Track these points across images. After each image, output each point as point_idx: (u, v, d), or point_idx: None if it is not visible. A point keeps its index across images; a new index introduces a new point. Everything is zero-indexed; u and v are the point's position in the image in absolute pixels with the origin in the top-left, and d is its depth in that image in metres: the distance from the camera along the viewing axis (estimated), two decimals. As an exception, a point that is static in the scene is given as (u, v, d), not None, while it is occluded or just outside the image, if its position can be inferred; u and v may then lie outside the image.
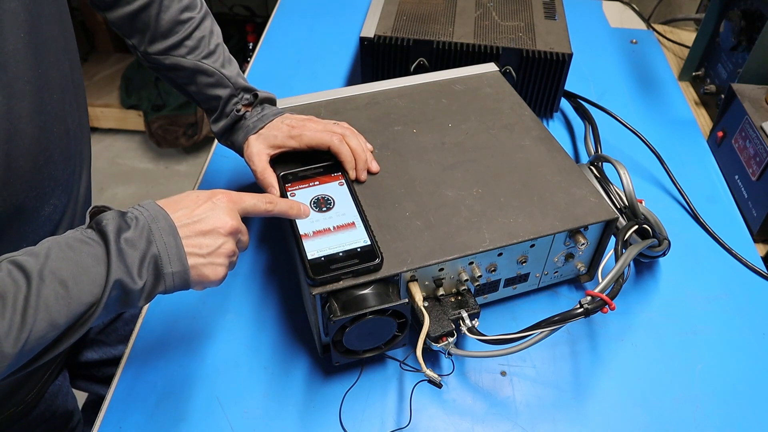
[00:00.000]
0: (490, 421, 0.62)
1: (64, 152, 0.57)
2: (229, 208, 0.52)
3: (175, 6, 0.66)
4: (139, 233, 0.46)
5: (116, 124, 2.37)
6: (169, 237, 0.48)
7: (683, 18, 1.33)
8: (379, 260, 0.58)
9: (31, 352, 0.42)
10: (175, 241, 0.48)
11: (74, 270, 0.43)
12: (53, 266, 0.43)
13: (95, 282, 0.44)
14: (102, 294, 0.44)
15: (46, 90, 0.52)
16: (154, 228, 0.47)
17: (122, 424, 0.61)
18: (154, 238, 0.47)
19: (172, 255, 0.48)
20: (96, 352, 0.86)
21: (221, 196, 0.53)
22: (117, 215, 0.47)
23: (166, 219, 0.49)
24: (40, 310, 0.41)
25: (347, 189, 0.66)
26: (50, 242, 0.45)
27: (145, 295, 0.47)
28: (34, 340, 0.41)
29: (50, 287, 0.42)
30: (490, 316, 0.70)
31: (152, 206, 0.49)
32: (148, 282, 0.47)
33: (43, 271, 0.42)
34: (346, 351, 0.59)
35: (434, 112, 0.79)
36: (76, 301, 0.43)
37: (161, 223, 0.48)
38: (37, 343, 0.42)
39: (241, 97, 0.70)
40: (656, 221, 0.72)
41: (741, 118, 0.89)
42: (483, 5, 1.02)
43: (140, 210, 0.49)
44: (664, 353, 0.68)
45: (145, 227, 0.47)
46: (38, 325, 0.41)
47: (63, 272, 0.43)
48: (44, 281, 0.42)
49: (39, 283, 0.42)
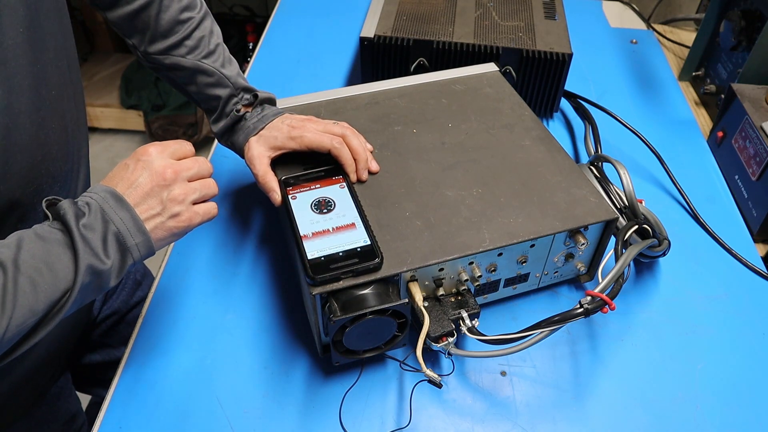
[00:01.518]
0: (490, 421, 0.62)
1: (62, 148, 0.57)
2: (159, 158, 0.53)
3: (175, 6, 0.66)
4: (94, 216, 0.48)
5: (116, 124, 2.37)
6: (122, 211, 0.49)
7: (683, 18, 1.33)
8: (378, 260, 0.58)
9: (10, 340, 0.44)
10: (129, 213, 0.50)
11: (47, 258, 0.45)
12: (26, 256, 0.45)
13: (68, 267, 0.46)
14: (75, 279, 0.46)
15: (45, 86, 0.52)
16: (106, 207, 0.49)
17: (122, 424, 0.61)
18: (110, 217, 0.49)
19: (130, 228, 0.49)
20: (99, 354, 0.85)
21: (146, 152, 0.53)
22: (71, 204, 0.48)
23: (114, 195, 0.50)
24: (18, 298, 0.43)
25: (348, 191, 0.66)
26: (19, 234, 0.46)
27: (115, 273, 0.49)
28: (15, 327, 0.43)
29: (26, 275, 0.44)
30: (490, 316, 0.70)
31: (99, 188, 0.51)
32: (116, 259, 0.48)
33: (17, 260, 0.44)
34: (346, 351, 0.59)
35: (434, 112, 0.79)
36: (52, 287, 0.45)
37: (111, 202, 0.49)
38: (17, 330, 0.44)
39: (241, 98, 0.70)
40: (656, 221, 0.72)
41: (741, 118, 0.89)
42: (483, 5, 1.02)
43: (89, 195, 0.50)
44: (664, 353, 0.68)
45: (98, 209, 0.49)
46: (18, 312, 0.43)
47: (37, 260, 0.45)
48: (20, 270, 0.44)
49: (15, 272, 0.43)
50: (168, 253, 0.77)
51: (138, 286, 0.89)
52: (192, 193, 0.54)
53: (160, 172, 0.52)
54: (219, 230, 0.80)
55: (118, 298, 0.86)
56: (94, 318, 0.83)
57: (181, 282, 0.74)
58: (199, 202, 0.55)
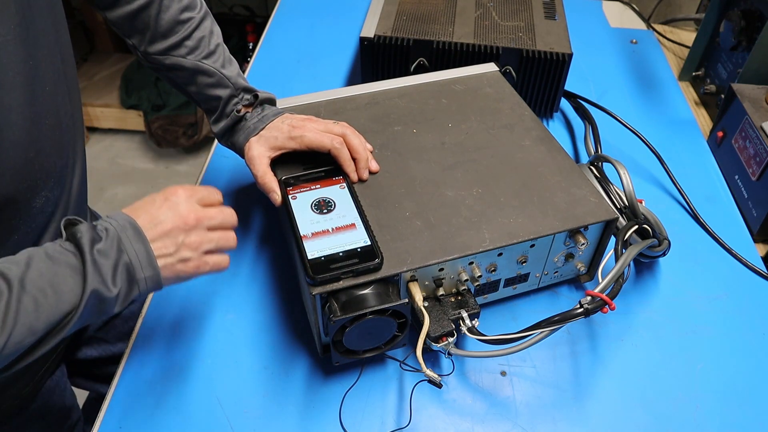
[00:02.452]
0: (490, 421, 0.62)
1: (56, 145, 0.57)
2: (186, 202, 0.53)
3: (175, 6, 0.66)
4: (110, 244, 0.48)
5: (116, 124, 2.37)
6: (138, 244, 0.50)
7: (683, 18, 1.33)
8: (378, 260, 0.58)
9: (8, 357, 0.44)
10: (144, 247, 0.50)
11: (53, 279, 0.45)
12: (33, 275, 0.45)
13: (73, 291, 0.46)
14: (79, 303, 0.46)
15: (38, 82, 0.52)
16: (123, 237, 0.49)
17: (122, 424, 0.61)
18: (125, 247, 0.49)
19: (143, 261, 0.49)
20: (95, 349, 0.85)
21: (175, 193, 0.54)
22: (89, 228, 0.48)
23: (134, 227, 0.50)
24: (20, 317, 0.43)
25: (348, 191, 0.66)
26: (30, 252, 0.47)
27: (120, 302, 0.49)
28: (13, 344, 0.43)
29: (30, 295, 0.44)
30: (490, 316, 0.70)
31: (120, 216, 0.51)
32: (123, 289, 0.48)
33: (24, 280, 0.44)
34: (346, 351, 0.59)
35: (434, 112, 0.79)
36: (54, 308, 0.45)
37: (129, 232, 0.50)
38: (15, 348, 0.44)
39: (241, 98, 0.70)
40: (656, 221, 0.72)
41: (741, 118, 0.89)
42: (483, 5, 1.02)
43: (109, 221, 0.50)
44: (664, 353, 0.68)
45: (115, 237, 0.49)
46: (17, 331, 0.43)
47: (43, 281, 0.45)
48: (25, 289, 0.44)
49: (20, 291, 0.44)
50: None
51: None
52: (207, 243, 0.54)
53: (184, 215, 0.52)
54: (219, 230, 0.80)
55: None
56: None
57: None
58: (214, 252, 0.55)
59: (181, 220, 0.52)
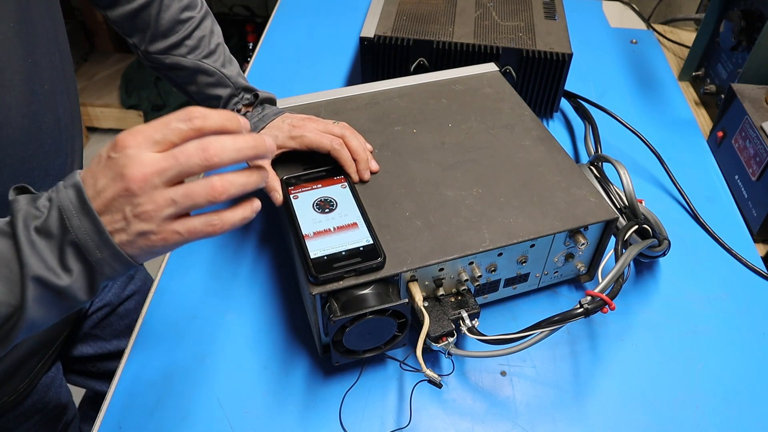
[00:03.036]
0: (490, 421, 0.62)
1: (55, 142, 0.57)
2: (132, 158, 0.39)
3: (176, 5, 0.66)
4: (51, 219, 0.39)
5: (116, 124, 2.37)
6: (84, 218, 0.39)
7: (683, 18, 1.33)
8: (381, 259, 0.58)
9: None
10: (90, 220, 0.39)
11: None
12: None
13: (10, 279, 0.38)
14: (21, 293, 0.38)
15: (37, 80, 0.52)
16: (68, 209, 0.39)
17: (122, 424, 0.61)
18: (69, 222, 0.39)
19: (93, 237, 0.39)
20: (90, 346, 0.85)
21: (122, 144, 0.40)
22: (28, 200, 0.40)
23: (79, 194, 0.39)
24: None
25: (349, 191, 0.66)
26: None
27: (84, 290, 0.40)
28: None
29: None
30: (490, 316, 0.70)
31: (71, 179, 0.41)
32: (79, 274, 0.39)
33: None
34: (346, 351, 0.59)
35: (434, 112, 0.79)
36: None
37: (74, 201, 0.39)
38: None
39: (241, 97, 0.70)
40: (656, 221, 0.72)
41: (741, 118, 0.89)
42: (483, 5, 1.02)
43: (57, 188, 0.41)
44: (664, 353, 0.68)
45: (56, 210, 0.39)
46: None
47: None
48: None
49: None
50: (168, 253, 0.77)
51: (130, 279, 0.89)
52: (167, 207, 0.40)
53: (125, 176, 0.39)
54: (219, 230, 0.80)
55: (110, 291, 0.86)
56: (85, 310, 0.83)
57: (181, 282, 0.74)
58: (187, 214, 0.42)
59: (122, 184, 0.39)
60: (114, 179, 0.39)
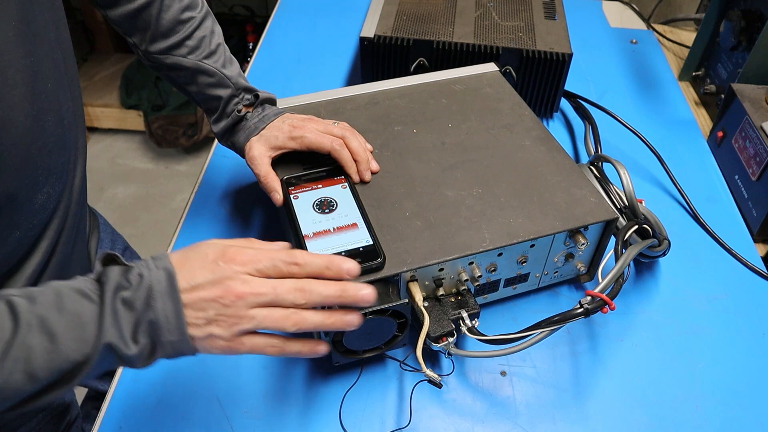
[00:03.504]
0: (490, 421, 0.62)
1: (58, 141, 0.56)
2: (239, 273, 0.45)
3: (176, 5, 0.66)
4: (138, 294, 0.43)
5: (116, 124, 2.37)
6: (170, 302, 0.43)
7: (683, 18, 1.33)
8: (381, 259, 0.58)
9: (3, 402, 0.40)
10: (175, 307, 0.43)
11: (66, 324, 0.41)
12: (45, 315, 0.41)
13: (85, 341, 0.41)
14: (91, 354, 0.41)
15: (40, 79, 0.52)
16: (157, 290, 0.43)
17: (122, 424, 0.61)
18: (154, 302, 0.43)
19: (171, 322, 0.43)
20: None
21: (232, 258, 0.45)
22: (120, 272, 0.44)
23: (171, 280, 0.44)
24: (20, 361, 0.39)
25: (350, 191, 0.66)
26: (52, 288, 0.43)
27: (143, 360, 0.44)
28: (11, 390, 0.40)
29: (37, 338, 0.40)
30: (490, 316, 0.70)
31: (161, 261, 0.45)
32: (145, 347, 0.43)
33: (33, 320, 0.40)
34: (346, 351, 0.59)
35: (434, 112, 0.79)
36: (62, 357, 0.40)
37: (163, 285, 0.43)
38: (13, 393, 0.40)
39: (242, 98, 0.70)
40: (656, 221, 0.72)
41: (741, 118, 0.89)
42: (483, 5, 1.02)
43: (147, 265, 0.45)
44: (664, 353, 0.68)
45: (145, 288, 0.43)
46: (15, 377, 0.39)
47: (54, 324, 0.41)
48: (32, 330, 0.40)
49: (26, 332, 0.40)
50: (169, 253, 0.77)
51: None
52: (246, 322, 0.45)
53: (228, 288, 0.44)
54: (219, 230, 0.80)
55: None
56: None
57: (181, 282, 0.74)
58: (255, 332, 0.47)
59: (219, 292, 0.44)
60: (213, 284, 0.44)
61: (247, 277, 0.45)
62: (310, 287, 0.46)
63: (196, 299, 0.44)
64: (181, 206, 2.09)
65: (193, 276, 0.44)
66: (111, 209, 2.13)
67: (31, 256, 0.57)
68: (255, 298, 0.45)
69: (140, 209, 2.15)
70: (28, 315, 0.40)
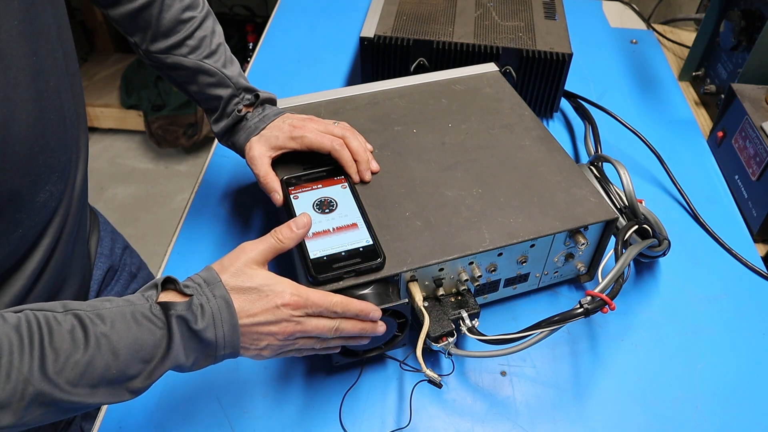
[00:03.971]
0: (490, 421, 0.62)
1: (60, 139, 0.57)
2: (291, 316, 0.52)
3: (177, 5, 0.66)
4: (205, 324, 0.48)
5: (116, 124, 2.37)
6: (229, 328, 0.49)
7: (683, 18, 1.33)
8: (381, 260, 0.58)
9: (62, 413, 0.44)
10: (233, 332, 0.49)
11: (132, 345, 0.45)
12: (112, 335, 0.44)
13: (146, 360, 0.46)
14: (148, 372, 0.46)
15: (42, 78, 0.52)
16: (217, 319, 0.49)
17: (122, 424, 0.61)
18: (216, 330, 0.49)
19: (228, 342, 0.49)
20: None
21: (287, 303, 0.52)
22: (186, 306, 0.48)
23: (230, 309, 0.49)
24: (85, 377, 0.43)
25: (350, 191, 0.66)
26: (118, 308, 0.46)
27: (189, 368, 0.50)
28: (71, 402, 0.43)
29: (104, 357, 0.44)
30: (490, 316, 0.70)
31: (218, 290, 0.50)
32: (199, 359, 0.49)
33: (101, 339, 0.44)
34: (346, 351, 0.59)
35: (434, 112, 0.79)
36: (121, 372, 0.45)
37: (224, 314, 0.49)
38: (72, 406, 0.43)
39: (242, 98, 0.70)
40: (656, 221, 0.72)
41: (741, 118, 0.89)
42: (483, 5, 1.02)
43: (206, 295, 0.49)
44: (664, 353, 0.68)
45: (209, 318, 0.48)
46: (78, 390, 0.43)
47: (120, 343, 0.45)
48: (100, 349, 0.44)
49: (95, 350, 0.44)
50: (168, 252, 0.77)
51: (133, 278, 0.89)
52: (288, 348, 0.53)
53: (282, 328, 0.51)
54: (219, 230, 0.80)
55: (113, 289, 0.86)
56: None
57: (181, 282, 0.73)
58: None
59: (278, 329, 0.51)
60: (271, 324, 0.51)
61: (301, 319, 0.52)
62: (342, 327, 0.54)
63: (254, 332, 0.51)
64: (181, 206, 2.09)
65: (254, 314, 0.50)
66: (111, 209, 2.13)
67: (33, 254, 0.57)
68: (302, 334, 0.53)
69: (140, 209, 2.15)
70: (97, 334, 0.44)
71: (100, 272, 0.79)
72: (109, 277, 0.86)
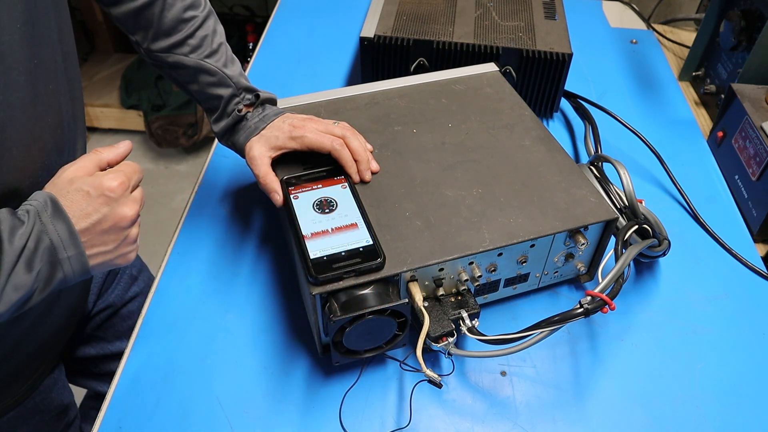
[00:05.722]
0: (490, 421, 0.62)
1: (57, 142, 0.57)
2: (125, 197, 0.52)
3: (179, 4, 0.66)
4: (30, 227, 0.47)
5: (116, 124, 2.37)
6: (59, 222, 0.48)
7: (683, 18, 1.33)
8: (381, 260, 0.58)
9: None
10: (66, 226, 0.48)
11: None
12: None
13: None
14: None
15: (41, 81, 0.52)
16: (44, 217, 0.48)
17: (122, 424, 0.61)
18: (46, 229, 0.47)
19: (65, 240, 0.48)
20: (93, 347, 0.85)
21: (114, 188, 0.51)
22: (9, 214, 0.47)
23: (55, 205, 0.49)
24: None
25: (350, 191, 0.66)
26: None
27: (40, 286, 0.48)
28: None
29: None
30: (490, 316, 0.70)
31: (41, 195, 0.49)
32: (43, 271, 0.47)
33: None
34: (346, 351, 0.59)
35: (434, 112, 0.79)
36: None
37: (50, 210, 0.48)
38: None
39: (242, 97, 0.70)
40: (656, 221, 0.72)
41: (741, 118, 0.89)
42: (483, 5, 1.02)
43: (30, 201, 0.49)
44: (664, 353, 0.68)
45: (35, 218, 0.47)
46: None
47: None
48: None
49: None
50: (168, 253, 0.77)
51: (134, 281, 0.89)
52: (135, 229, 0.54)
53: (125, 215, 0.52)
54: (219, 230, 0.80)
55: (113, 292, 0.86)
56: (88, 311, 0.83)
57: (181, 282, 0.74)
58: None
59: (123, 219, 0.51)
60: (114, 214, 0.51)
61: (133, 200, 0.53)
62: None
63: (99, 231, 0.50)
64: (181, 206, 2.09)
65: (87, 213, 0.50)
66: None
67: None
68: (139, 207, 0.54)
69: (140, 209, 2.15)
70: None
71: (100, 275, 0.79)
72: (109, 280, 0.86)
